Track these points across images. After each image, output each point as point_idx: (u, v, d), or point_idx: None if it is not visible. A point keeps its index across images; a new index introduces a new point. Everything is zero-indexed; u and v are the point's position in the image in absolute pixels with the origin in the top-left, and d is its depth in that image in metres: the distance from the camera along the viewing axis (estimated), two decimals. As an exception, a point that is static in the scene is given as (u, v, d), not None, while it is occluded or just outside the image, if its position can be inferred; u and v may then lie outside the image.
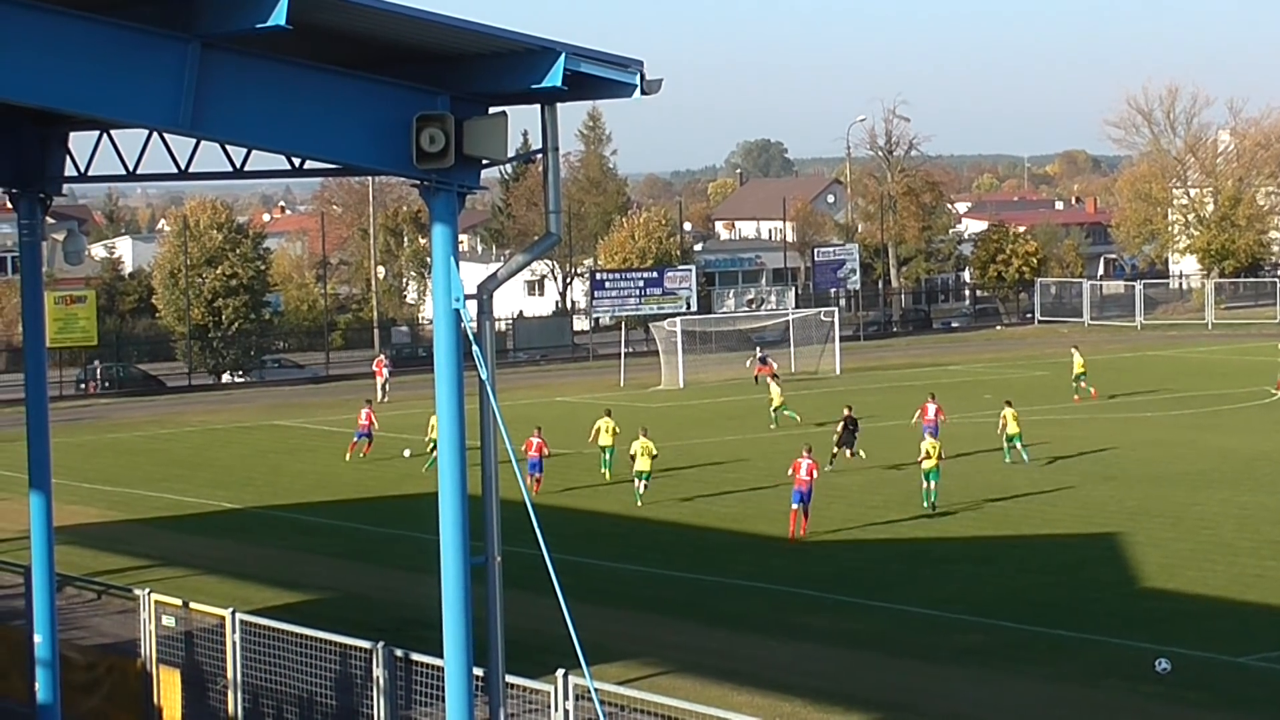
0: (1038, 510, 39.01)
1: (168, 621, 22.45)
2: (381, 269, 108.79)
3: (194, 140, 16.85)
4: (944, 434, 44.99)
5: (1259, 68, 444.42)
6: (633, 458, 41.31)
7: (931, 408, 47.22)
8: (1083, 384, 60.02)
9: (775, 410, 54.33)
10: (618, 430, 45.26)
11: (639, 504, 40.96)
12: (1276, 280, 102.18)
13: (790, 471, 37.34)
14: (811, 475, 36.35)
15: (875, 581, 32.22)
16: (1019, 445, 46.04)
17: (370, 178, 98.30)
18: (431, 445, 47.06)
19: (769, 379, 59.98)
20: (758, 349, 69.60)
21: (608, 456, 45.16)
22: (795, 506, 36.45)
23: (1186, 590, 30.70)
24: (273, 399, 72.11)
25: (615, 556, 35.28)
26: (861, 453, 45.83)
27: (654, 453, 41.37)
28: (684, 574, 33.35)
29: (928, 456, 38.96)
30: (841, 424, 46.46)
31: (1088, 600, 30.27)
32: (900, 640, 27.81)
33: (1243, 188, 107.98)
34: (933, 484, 38.87)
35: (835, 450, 45.69)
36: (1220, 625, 28.22)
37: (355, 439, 50.48)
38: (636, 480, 41.17)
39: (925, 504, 38.91)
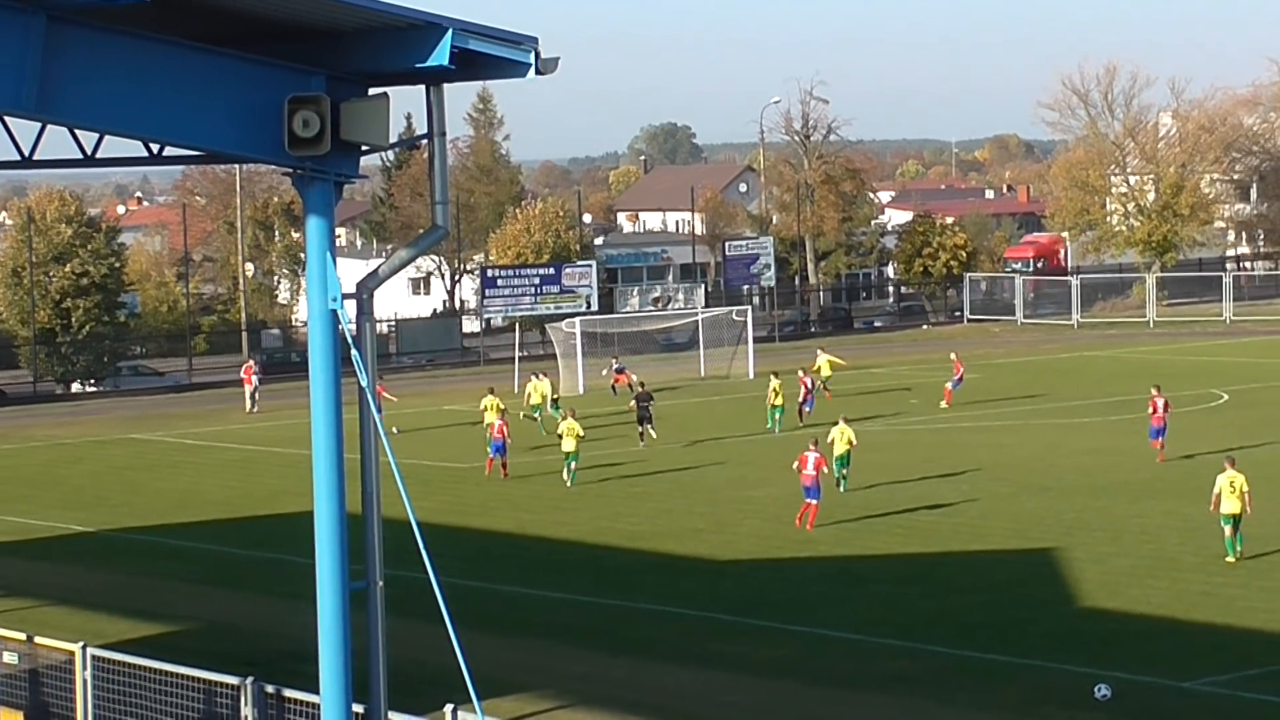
0: (968, 524, 39.39)
1: (9, 658, 22.20)
2: (250, 266, 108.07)
3: (39, 124, 16.67)
4: (868, 443, 45.43)
5: (1202, 45, 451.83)
6: (560, 437, 45.84)
7: (809, 380, 56.67)
8: (824, 388, 62.00)
9: (552, 405, 57.82)
10: (503, 407, 50.64)
11: (569, 485, 45.20)
12: (1222, 275, 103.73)
13: (796, 465, 39.16)
14: (819, 470, 38.60)
15: (794, 603, 32.40)
16: (777, 416, 54.26)
17: (237, 165, 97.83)
18: (535, 411, 55.97)
19: (616, 386, 65.48)
20: (614, 359, 70.06)
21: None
22: (810, 501, 38.66)
23: (1128, 609, 31.09)
24: (129, 410, 71.42)
25: (509, 579, 35.25)
26: (653, 432, 51.63)
27: (580, 434, 45.70)
28: (585, 597, 33.39)
29: (834, 442, 42.06)
30: (635, 401, 52.72)
31: (1022, 621, 30.60)
32: (821, 667, 27.98)
33: (1185, 174, 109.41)
34: (844, 469, 42.54)
35: (640, 429, 51.85)
36: (1164, 647, 28.60)
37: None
38: (566, 460, 45.49)
39: (836, 479, 42.30)
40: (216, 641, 29.47)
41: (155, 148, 16.68)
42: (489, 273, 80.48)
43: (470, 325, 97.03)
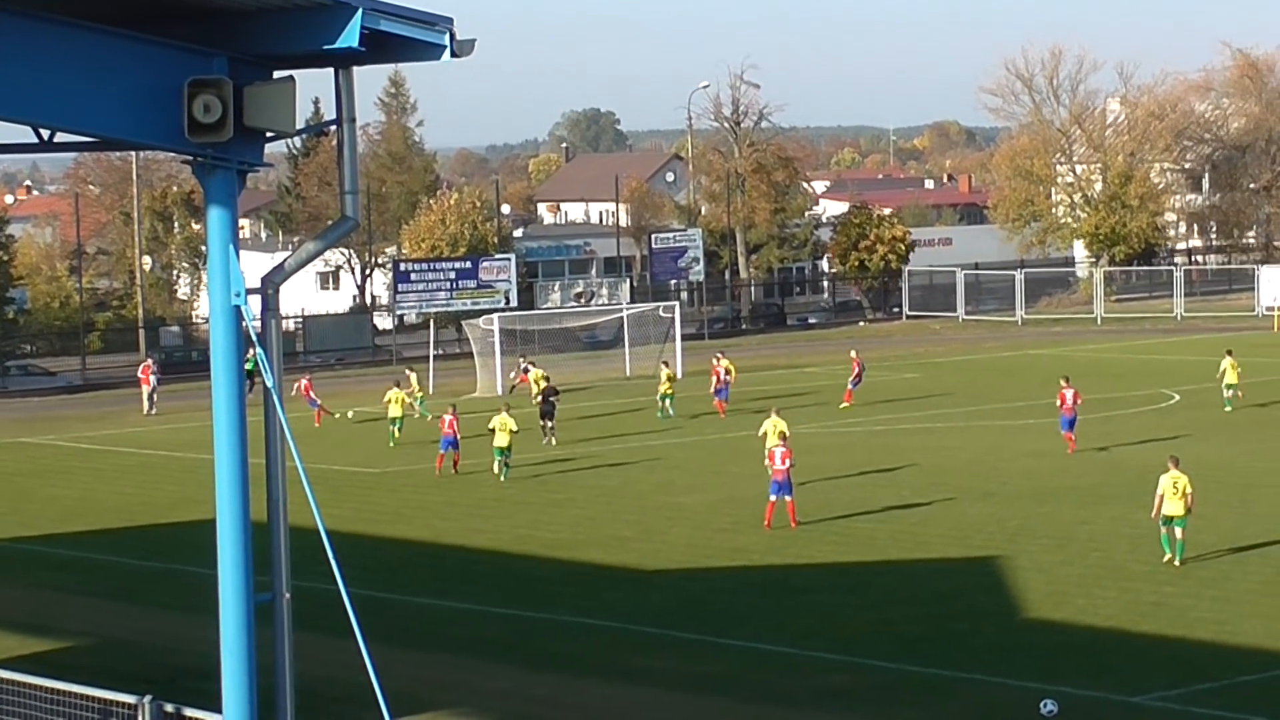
0: (908, 531, 39.58)
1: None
2: (148, 259, 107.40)
3: (-80, 109, 16.50)
4: (802, 445, 45.53)
5: (1152, 28, 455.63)
6: (491, 431, 47.03)
7: (721, 370, 59.32)
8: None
9: (419, 403, 60.40)
10: (408, 400, 54.90)
11: (501, 480, 46.67)
12: (1173, 269, 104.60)
13: (767, 462, 40.03)
14: (786, 464, 39.24)
15: (725, 615, 32.47)
16: (667, 402, 58.34)
17: (134, 153, 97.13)
18: (537, 396, 56.60)
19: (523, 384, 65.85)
20: (521, 359, 70.09)
21: (395, 429, 54.27)
22: (773, 499, 39.28)
23: (1075, 620, 31.31)
24: (18, 412, 70.92)
25: (424, 591, 35.20)
26: (554, 439, 53.13)
27: (514, 429, 46.90)
28: (504, 610, 33.36)
29: (766, 435, 42.63)
30: (540, 396, 54.55)
31: (965, 633, 30.77)
32: (754, 682, 28.06)
33: (1134, 163, 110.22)
34: None
35: (542, 423, 53.44)
36: (1113, 660, 28.82)
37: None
38: (496, 457, 47.05)
39: None
40: (112, 658, 29.29)
41: (45, 134, 16.53)
42: (402, 266, 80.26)
43: (382, 322, 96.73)
